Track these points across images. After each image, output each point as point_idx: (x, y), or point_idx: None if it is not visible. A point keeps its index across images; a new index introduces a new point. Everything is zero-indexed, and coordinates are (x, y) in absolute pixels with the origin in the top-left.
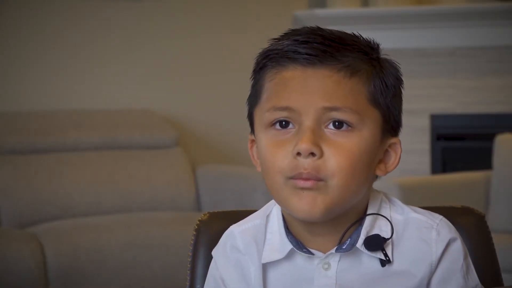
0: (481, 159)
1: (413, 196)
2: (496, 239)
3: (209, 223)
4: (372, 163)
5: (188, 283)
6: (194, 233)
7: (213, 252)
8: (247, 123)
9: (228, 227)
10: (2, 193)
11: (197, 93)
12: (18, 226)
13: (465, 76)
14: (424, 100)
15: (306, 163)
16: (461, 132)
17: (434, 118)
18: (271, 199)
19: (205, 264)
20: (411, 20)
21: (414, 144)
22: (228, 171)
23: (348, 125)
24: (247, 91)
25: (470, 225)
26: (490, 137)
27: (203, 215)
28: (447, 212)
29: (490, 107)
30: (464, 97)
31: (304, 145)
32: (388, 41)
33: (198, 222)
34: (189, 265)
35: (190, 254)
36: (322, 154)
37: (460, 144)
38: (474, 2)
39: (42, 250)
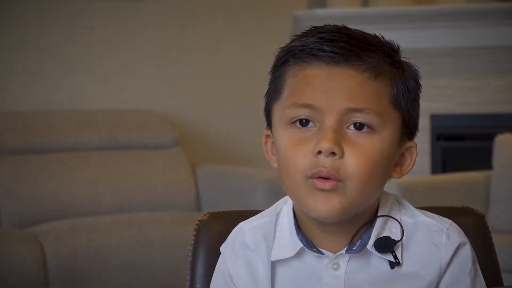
0: (481, 159)
1: (413, 196)
2: (496, 239)
3: (209, 223)
4: (389, 166)
5: (188, 283)
6: (194, 233)
7: (222, 248)
8: (247, 123)
9: (228, 227)
10: (2, 193)
11: (197, 93)
12: (18, 226)
13: (465, 76)
14: (424, 100)
15: (326, 162)
16: (461, 132)
17: (434, 118)
18: (271, 199)
19: (205, 264)
20: (411, 20)
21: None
22: (228, 171)
23: (370, 127)
24: (247, 91)
25: (470, 225)
26: (490, 137)
27: (203, 215)
28: (447, 212)
29: (490, 107)
30: (464, 97)
31: (326, 144)
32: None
33: (198, 222)
34: (189, 265)
35: (190, 254)
36: (343, 154)
37: (460, 144)
38: (474, 2)
39: (42, 250)
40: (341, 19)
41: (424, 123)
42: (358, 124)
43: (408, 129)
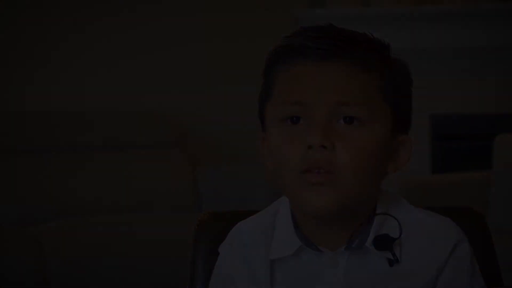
0: (481, 159)
1: (413, 196)
2: (496, 239)
3: (209, 223)
4: (383, 159)
5: (188, 283)
6: (194, 233)
7: (220, 249)
8: (247, 123)
9: (228, 227)
10: (1, 193)
11: (197, 93)
12: (18, 226)
13: (465, 76)
14: (424, 100)
15: (317, 155)
16: (461, 132)
17: (434, 118)
18: (271, 199)
19: (205, 264)
20: (411, 20)
21: (414, 144)
22: (228, 171)
23: (359, 120)
24: (247, 91)
25: (470, 225)
26: (490, 137)
27: (203, 215)
28: (447, 212)
29: (490, 107)
30: (464, 97)
31: (316, 138)
32: (388, 41)
33: (198, 222)
34: (189, 265)
35: (190, 254)
36: (333, 148)
37: (460, 144)
38: (474, 2)
39: (42, 250)
40: (341, 19)
41: (424, 123)
42: (348, 118)
43: (401, 123)
